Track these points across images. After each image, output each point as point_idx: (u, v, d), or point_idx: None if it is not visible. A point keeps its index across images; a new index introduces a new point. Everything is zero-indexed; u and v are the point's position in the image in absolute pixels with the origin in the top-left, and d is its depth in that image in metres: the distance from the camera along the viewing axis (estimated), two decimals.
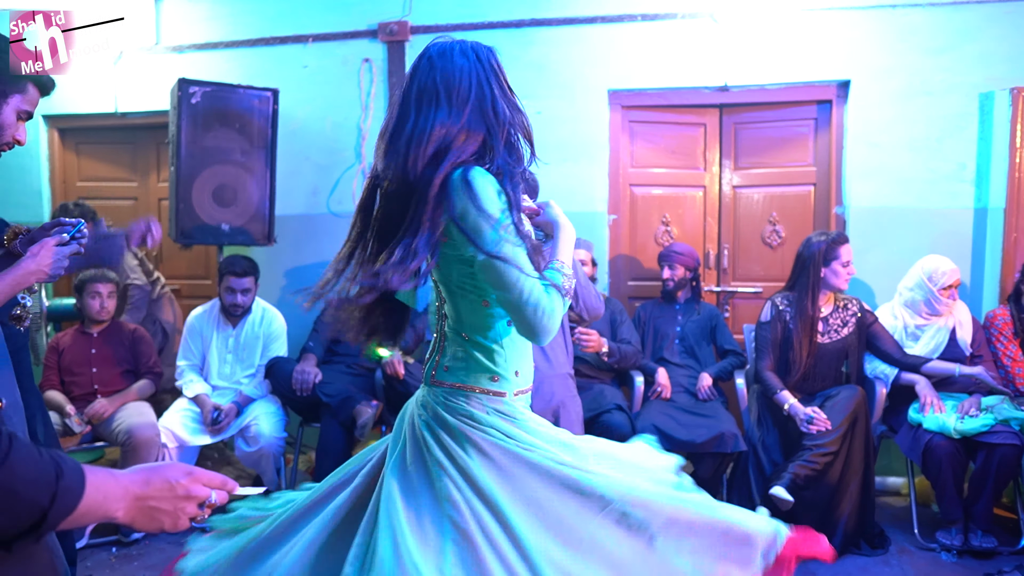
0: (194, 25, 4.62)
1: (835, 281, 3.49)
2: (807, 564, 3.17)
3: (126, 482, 1.02)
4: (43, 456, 0.90)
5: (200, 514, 1.10)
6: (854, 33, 4.00)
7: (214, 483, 1.11)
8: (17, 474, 0.85)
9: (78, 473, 0.94)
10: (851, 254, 3.53)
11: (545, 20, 4.20)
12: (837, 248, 3.47)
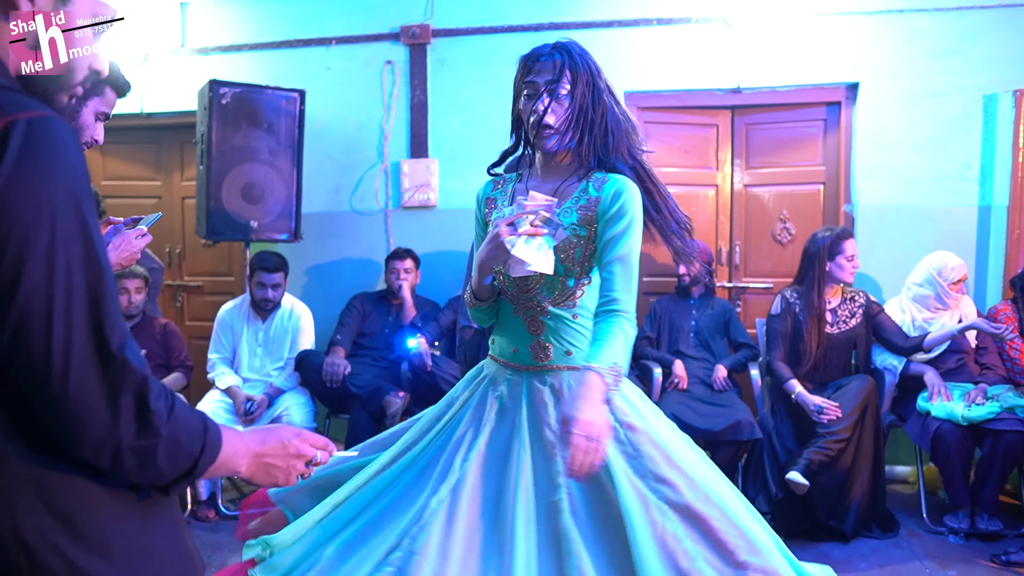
0: (219, 28, 4.74)
1: (840, 274, 3.62)
2: (820, 546, 3.33)
3: (248, 441, 1.14)
4: (194, 411, 1.02)
5: (308, 471, 1.22)
6: (862, 37, 4.14)
7: (318, 444, 1.23)
8: (180, 426, 0.97)
9: (217, 429, 1.06)
10: (855, 248, 3.66)
11: (563, 24, 4.33)
12: (841, 243, 3.61)
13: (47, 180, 0.87)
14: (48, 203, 0.86)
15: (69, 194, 0.89)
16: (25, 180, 0.85)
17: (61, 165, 0.88)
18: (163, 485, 1.00)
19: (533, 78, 1.79)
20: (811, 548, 3.34)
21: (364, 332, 4.10)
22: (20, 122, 0.86)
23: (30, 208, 0.85)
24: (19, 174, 0.85)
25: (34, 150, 0.86)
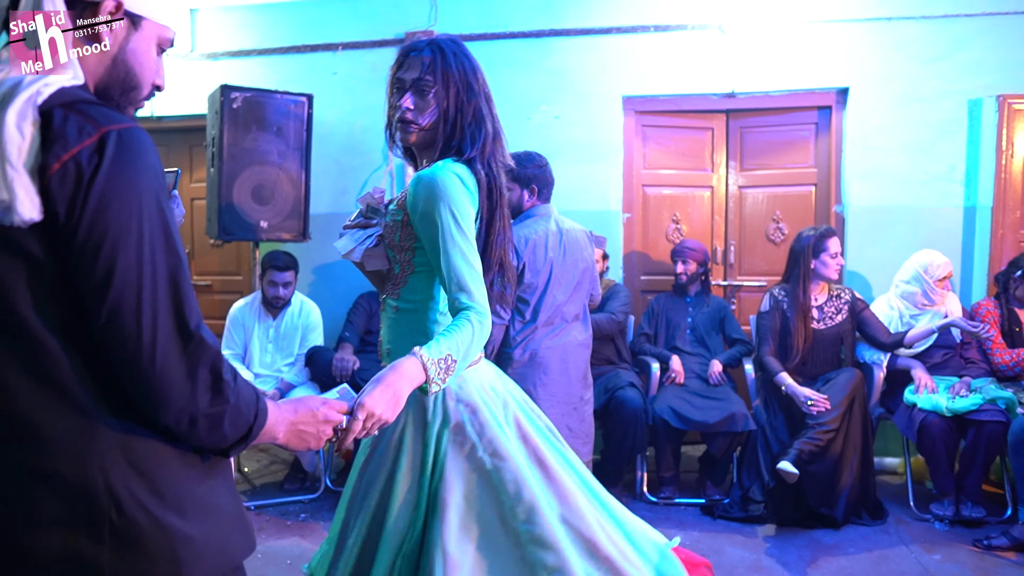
0: (228, 33, 4.87)
1: (825, 271, 3.77)
2: (812, 532, 3.47)
3: (283, 411, 1.27)
4: (248, 383, 1.16)
5: (334, 436, 1.35)
6: (852, 43, 4.28)
7: (343, 410, 1.36)
8: (242, 395, 1.11)
9: (264, 400, 1.20)
10: (839, 246, 3.81)
11: (563, 30, 4.47)
12: (825, 241, 3.76)
13: (136, 183, 1.01)
14: (136, 203, 1.00)
15: (152, 194, 1.03)
16: (119, 183, 0.99)
17: (146, 169, 1.03)
18: (224, 448, 1.14)
19: (402, 74, 1.73)
20: (803, 534, 3.48)
21: (371, 330, 4.23)
22: (112, 133, 1.00)
23: (123, 208, 0.99)
24: (114, 178, 0.99)
25: (124, 157, 1.00)
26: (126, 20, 1.15)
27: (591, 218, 4.45)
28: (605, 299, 4.03)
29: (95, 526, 1.02)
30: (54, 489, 1.01)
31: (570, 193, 4.50)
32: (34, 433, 1.01)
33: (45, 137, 0.98)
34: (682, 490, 3.93)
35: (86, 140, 0.99)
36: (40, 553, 1.00)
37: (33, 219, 0.96)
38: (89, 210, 0.98)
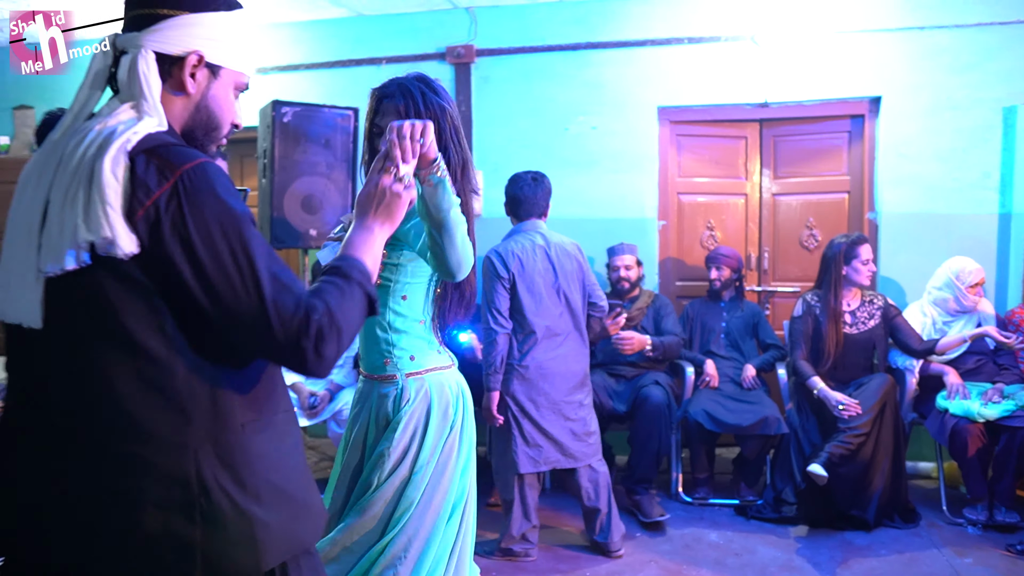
0: (278, 49, 5.08)
1: (857, 277, 3.84)
2: (844, 533, 3.55)
3: (363, 229, 1.41)
4: (344, 292, 1.27)
5: (401, 183, 1.45)
6: (885, 53, 4.35)
7: (394, 156, 1.46)
8: (346, 316, 1.25)
9: (359, 268, 1.32)
10: (871, 253, 3.88)
11: (599, 43, 4.60)
12: (856, 248, 3.83)
13: (211, 209, 1.16)
14: (217, 220, 1.16)
15: (228, 209, 1.18)
16: (197, 216, 1.15)
17: (217, 196, 1.17)
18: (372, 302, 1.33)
19: (379, 120, 1.92)
20: (835, 535, 3.57)
21: None
22: (185, 173, 1.16)
23: (205, 234, 1.15)
24: (191, 214, 1.15)
25: (197, 192, 1.16)
26: (207, 70, 1.31)
27: (627, 226, 4.59)
28: (658, 318, 4.17)
29: (188, 509, 1.17)
30: (155, 477, 1.16)
31: (606, 201, 4.64)
32: (140, 430, 1.16)
33: (132, 182, 1.14)
34: (716, 491, 4.04)
35: (164, 186, 1.14)
36: (144, 531, 1.15)
37: (132, 252, 1.12)
38: (177, 243, 1.14)
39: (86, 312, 1.16)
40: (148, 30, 1.25)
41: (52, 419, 1.18)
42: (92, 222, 1.10)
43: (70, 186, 1.13)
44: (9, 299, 1.18)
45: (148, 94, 1.23)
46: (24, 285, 1.16)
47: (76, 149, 1.15)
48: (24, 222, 1.18)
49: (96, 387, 1.16)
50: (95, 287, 1.14)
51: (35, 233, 1.16)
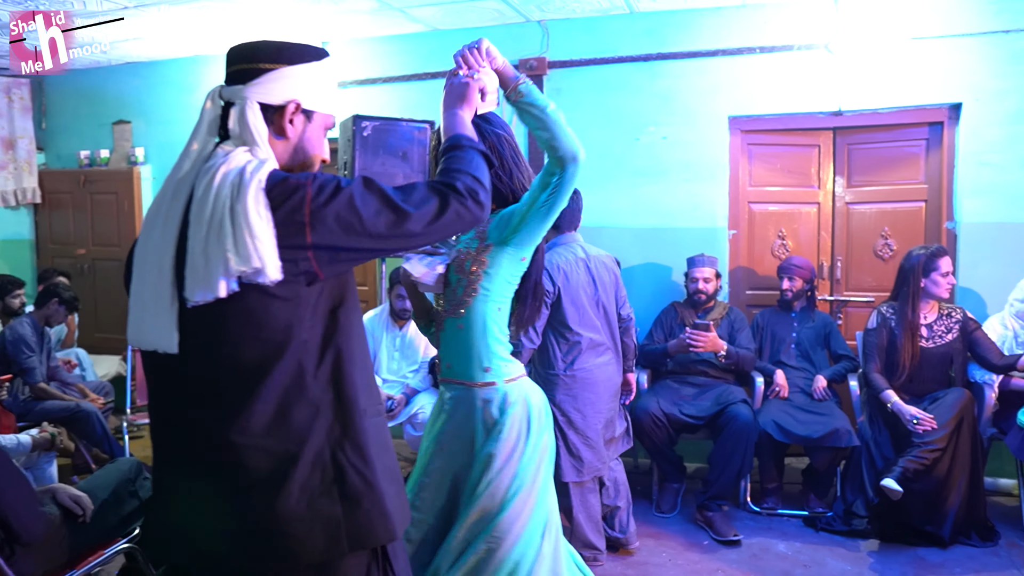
0: (357, 63, 5.29)
1: (935, 291, 3.78)
2: (917, 550, 3.51)
3: (452, 112, 1.85)
4: (470, 160, 1.57)
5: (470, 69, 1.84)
6: (965, 58, 4.25)
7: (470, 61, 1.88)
8: (482, 177, 1.53)
9: (472, 140, 1.65)
10: (951, 265, 3.81)
11: (671, 54, 4.64)
12: (936, 260, 3.77)
13: (340, 201, 1.34)
14: (343, 224, 1.35)
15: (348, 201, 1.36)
16: (323, 229, 1.33)
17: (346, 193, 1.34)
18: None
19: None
20: (908, 551, 3.54)
21: None
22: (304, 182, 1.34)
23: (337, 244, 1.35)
24: (320, 225, 1.32)
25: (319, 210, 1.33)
26: (302, 115, 1.46)
27: (698, 235, 4.63)
28: (732, 331, 4.21)
29: (329, 490, 1.35)
30: (298, 466, 1.34)
31: (677, 211, 4.68)
32: (279, 426, 1.34)
33: (275, 211, 1.31)
34: (785, 501, 4.04)
35: (292, 214, 1.33)
36: (294, 513, 1.33)
37: (278, 279, 1.29)
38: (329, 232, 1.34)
39: (227, 331, 1.32)
40: (251, 83, 1.41)
41: (197, 429, 1.35)
42: (242, 255, 1.26)
43: (211, 224, 1.29)
44: (144, 329, 1.35)
45: (259, 140, 1.39)
46: (158, 315, 1.33)
47: (208, 192, 1.31)
48: (154, 260, 1.35)
49: (237, 395, 1.33)
50: (239, 309, 1.31)
51: (168, 269, 1.33)
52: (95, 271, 6.24)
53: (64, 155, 6.39)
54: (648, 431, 3.93)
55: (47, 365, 4.71)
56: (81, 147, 6.27)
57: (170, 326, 1.32)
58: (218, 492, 1.33)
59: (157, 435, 1.44)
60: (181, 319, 1.33)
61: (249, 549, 1.32)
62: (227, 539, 1.33)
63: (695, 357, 4.16)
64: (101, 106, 6.21)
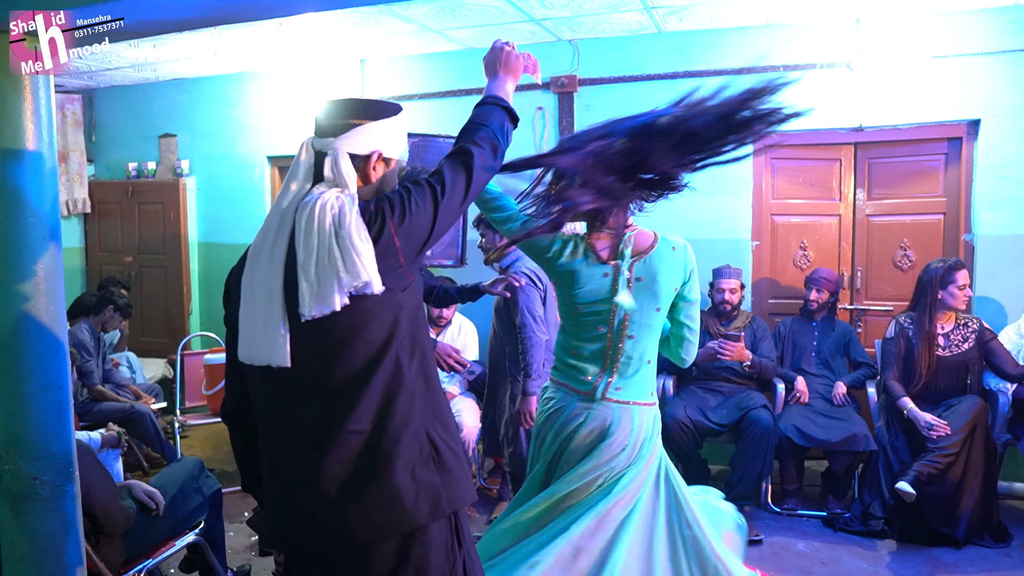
0: (393, 80, 5.53)
1: (952, 302, 3.93)
2: (932, 550, 3.67)
3: (499, 82, 2.01)
4: (494, 119, 1.88)
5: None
6: (983, 76, 4.39)
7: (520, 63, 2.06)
8: (501, 138, 1.86)
9: (499, 103, 1.92)
10: (968, 278, 3.96)
11: (696, 72, 4.82)
12: (954, 273, 3.93)
13: (409, 214, 1.61)
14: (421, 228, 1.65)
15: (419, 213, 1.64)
16: (405, 241, 1.60)
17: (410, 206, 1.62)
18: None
19: None
20: (923, 551, 3.70)
21: None
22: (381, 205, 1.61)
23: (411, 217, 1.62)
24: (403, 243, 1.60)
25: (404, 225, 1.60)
26: (383, 162, 1.69)
27: (722, 247, 4.81)
28: (755, 339, 4.39)
29: (427, 462, 1.61)
30: (402, 443, 1.59)
31: (702, 223, 4.86)
32: (387, 413, 1.58)
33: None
34: (805, 502, 4.22)
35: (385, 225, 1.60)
36: (402, 485, 1.57)
37: (382, 290, 1.54)
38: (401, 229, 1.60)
39: (336, 339, 1.57)
40: (341, 137, 1.64)
41: (313, 425, 1.59)
42: (352, 272, 1.51)
43: (319, 250, 1.53)
44: (255, 347, 1.58)
45: (349, 183, 1.61)
46: (269, 334, 1.56)
47: (311, 224, 1.55)
48: (263, 286, 1.58)
49: (349, 392, 1.58)
50: (347, 320, 1.55)
51: (278, 293, 1.57)
52: (141, 278, 6.54)
53: (113, 167, 6.70)
54: (675, 436, 4.11)
55: (102, 368, 5.00)
56: (129, 159, 6.57)
57: (283, 343, 1.55)
58: (338, 477, 1.56)
59: (270, 437, 1.67)
60: (292, 336, 1.55)
61: (372, 521, 1.56)
62: (352, 516, 1.56)
63: (720, 365, 4.35)
64: (148, 120, 6.51)
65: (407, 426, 1.59)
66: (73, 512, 2.20)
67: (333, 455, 1.57)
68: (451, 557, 1.64)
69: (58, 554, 2.17)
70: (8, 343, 2.08)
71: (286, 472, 1.63)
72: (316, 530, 1.59)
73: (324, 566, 1.62)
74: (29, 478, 2.11)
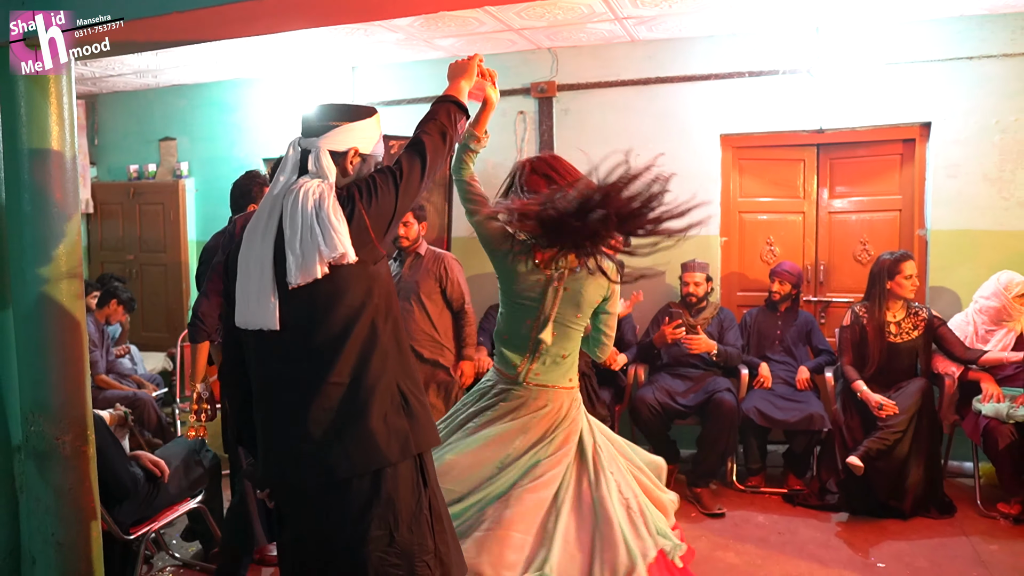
0: (383, 86, 5.82)
1: (900, 291, 4.23)
2: (881, 520, 3.95)
3: (452, 84, 2.32)
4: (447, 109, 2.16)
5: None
6: (935, 81, 4.69)
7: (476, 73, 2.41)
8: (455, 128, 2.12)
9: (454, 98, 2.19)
10: (914, 269, 4.25)
11: (667, 78, 5.12)
12: (899, 264, 4.22)
13: (376, 196, 1.89)
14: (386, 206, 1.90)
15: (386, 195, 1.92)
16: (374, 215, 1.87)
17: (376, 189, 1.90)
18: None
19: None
20: (873, 522, 3.98)
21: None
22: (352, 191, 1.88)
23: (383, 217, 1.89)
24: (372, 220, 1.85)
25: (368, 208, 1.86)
26: (359, 158, 1.97)
27: (693, 242, 5.04)
28: (722, 329, 4.70)
29: (398, 410, 1.88)
30: (377, 395, 1.85)
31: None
32: (363, 368, 1.85)
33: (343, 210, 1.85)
34: (767, 482, 4.50)
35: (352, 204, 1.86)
36: (376, 429, 1.85)
37: (355, 260, 1.81)
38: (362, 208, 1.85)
39: (318, 305, 1.84)
40: (323, 136, 1.92)
41: (299, 380, 1.87)
42: (330, 245, 1.79)
43: (303, 228, 1.82)
44: (250, 314, 1.86)
45: (330, 175, 1.89)
46: (262, 302, 1.84)
47: (295, 208, 1.84)
48: (257, 261, 1.86)
49: (330, 351, 1.85)
50: (328, 287, 1.83)
51: (268, 267, 1.85)
52: (142, 275, 6.81)
53: (115, 169, 6.98)
54: (645, 418, 4.40)
55: (106, 359, 5.27)
56: (130, 162, 6.85)
57: (273, 309, 1.84)
58: (322, 422, 1.84)
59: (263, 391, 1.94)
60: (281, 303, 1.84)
61: (351, 460, 1.84)
62: (334, 455, 1.84)
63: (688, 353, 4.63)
64: (149, 124, 6.79)
65: (380, 379, 1.86)
66: (90, 470, 2.48)
67: (317, 404, 1.84)
68: (416, 491, 1.91)
69: (76, 508, 2.44)
70: (34, 319, 2.36)
71: (277, 421, 1.91)
72: (303, 468, 1.87)
73: (310, 500, 1.90)
74: (52, 439, 2.39)
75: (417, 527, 1.89)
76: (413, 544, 1.88)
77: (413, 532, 1.88)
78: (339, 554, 1.88)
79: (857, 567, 3.52)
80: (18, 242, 2.36)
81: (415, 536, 1.88)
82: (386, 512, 1.86)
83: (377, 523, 1.85)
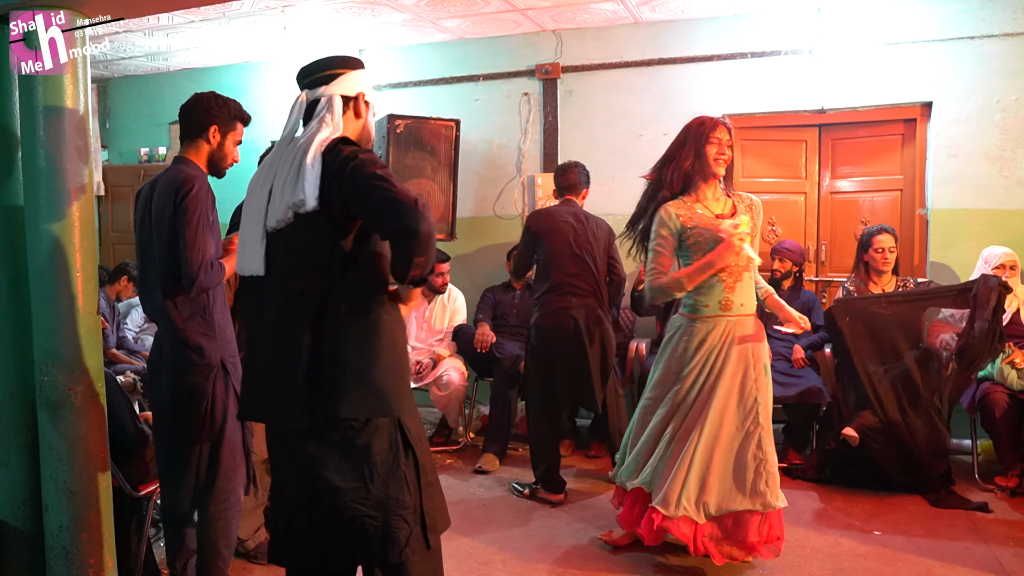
0: (391, 68, 5.89)
1: (874, 264, 4.33)
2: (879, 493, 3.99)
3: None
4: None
5: None
6: (936, 61, 4.73)
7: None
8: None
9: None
10: (888, 243, 4.33)
11: (671, 59, 5.18)
12: (872, 237, 4.35)
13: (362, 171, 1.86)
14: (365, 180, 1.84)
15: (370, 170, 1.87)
16: (354, 177, 1.84)
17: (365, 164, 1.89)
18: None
19: (719, 136, 3.18)
20: (871, 494, 4.02)
21: (496, 314, 5.07)
22: (350, 156, 1.87)
23: (360, 185, 1.83)
24: (352, 177, 1.84)
25: (359, 166, 1.85)
26: (365, 104, 2.04)
27: None
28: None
29: (363, 356, 1.87)
30: (340, 339, 1.87)
31: None
32: (331, 313, 1.86)
33: (325, 165, 1.87)
34: None
35: (336, 167, 1.85)
36: (347, 383, 1.87)
37: (315, 208, 1.84)
38: (343, 194, 1.84)
39: (293, 253, 1.90)
40: (334, 83, 2.00)
41: (281, 323, 1.93)
42: (296, 192, 1.85)
43: (287, 176, 1.88)
44: (247, 259, 1.95)
45: (337, 119, 1.96)
46: (253, 250, 1.92)
47: (291, 154, 1.91)
48: (255, 206, 1.94)
49: (306, 296, 1.90)
50: (300, 237, 1.88)
51: (261, 215, 1.92)
52: None
53: (126, 152, 7.07)
54: None
55: (116, 335, 5.36)
56: (141, 145, 6.94)
57: (260, 255, 1.93)
58: (296, 371, 1.88)
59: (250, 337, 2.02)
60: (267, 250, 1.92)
61: (325, 408, 1.87)
62: (312, 402, 1.88)
63: None
64: (159, 108, 6.88)
65: (342, 327, 1.88)
66: (101, 421, 2.55)
67: (292, 351, 1.89)
68: (394, 448, 1.93)
69: (87, 457, 2.51)
70: (48, 270, 2.44)
71: (259, 363, 1.98)
72: (277, 411, 1.94)
73: (288, 445, 1.98)
74: (64, 388, 2.46)
75: (394, 482, 1.92)
76: (389, 498, 1.91)
77: (389, 486, 1.92)
78: (316, 500, 1.93)
79: (854, 535, 3.56)
80: (33, 197, 2.44)
81: (391, 490, 1.92)
82: (360, 464, 1.90)
83: (353, 474, 1.90)
